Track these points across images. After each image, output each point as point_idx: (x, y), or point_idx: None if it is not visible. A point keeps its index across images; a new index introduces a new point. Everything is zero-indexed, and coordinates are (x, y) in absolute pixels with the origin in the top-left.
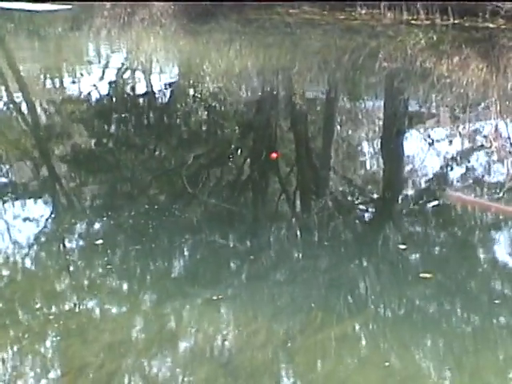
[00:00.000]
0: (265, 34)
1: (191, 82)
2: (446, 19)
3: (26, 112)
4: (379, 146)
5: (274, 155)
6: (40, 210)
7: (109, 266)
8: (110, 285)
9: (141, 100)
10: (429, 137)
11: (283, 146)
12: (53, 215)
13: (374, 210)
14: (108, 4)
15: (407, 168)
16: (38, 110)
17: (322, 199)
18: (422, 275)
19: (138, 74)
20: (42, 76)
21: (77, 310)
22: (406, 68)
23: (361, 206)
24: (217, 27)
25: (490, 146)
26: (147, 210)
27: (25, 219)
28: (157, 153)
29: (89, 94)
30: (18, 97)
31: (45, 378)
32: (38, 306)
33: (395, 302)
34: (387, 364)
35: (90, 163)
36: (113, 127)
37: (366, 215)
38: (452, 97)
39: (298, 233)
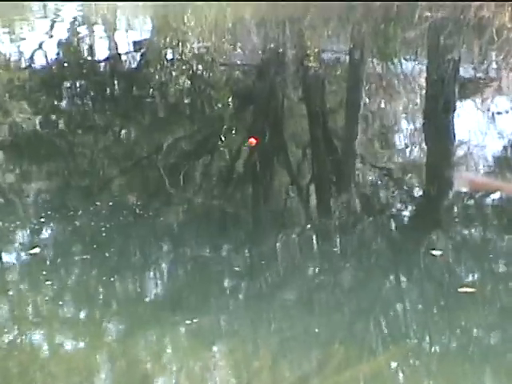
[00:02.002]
0: None
1: (168, 39)
2: None
3: None
4: (421, 124)
5: (251, 141)
6: None
7: (60, 286)
8: (61, 312)
9: (101, 64)
10: (487, 111)
11: (293, 124)
12: None
13: (410, 208)
14: None
15: (457, 153)
16: None
17: (343, 195)
18: (461, 290)
19: (98, 29)
20: None
21: (18, 346)
22: (456, 18)
23: (394, 204)
24: None
25: None
26: (111, 211)
27: None
28: (123, 135)
29: (31, 56)
30: None
31: None
32: None
33: (430, 325)
34: None
35: (33, 149)
36: (64, 101)
37: (399, 215)
38: None
39: (312, 240)
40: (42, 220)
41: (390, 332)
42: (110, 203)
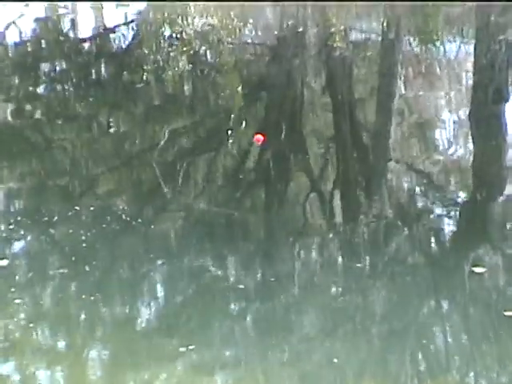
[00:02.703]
0: None
1: (166, 14)
2: None
3: None
4: (466, 117)
5: (258, 138)
6: None
7: (32, 306)
8: (33, 339)
9: (86, 43)
10: None
11: (314, 116)
12: None
13: (452, 217)
14: None
15: (510, 152)
16: None
17: (373, 202)
18: (508, 313)
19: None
20: None
21: None
22: None
23: (432, 212)
24: None
25: None
26: (93, 217)
27: None
28: (112, 128)
29: (1, 33)
30: None
31: None
32: None
33: (472, 354)
34: None
35: (2, 143)
36: (40, 86)
37: (439, 226)
38: None
39: (335, 255)
40: (11, 226)
41: (426, 364)
42: (92, 207)
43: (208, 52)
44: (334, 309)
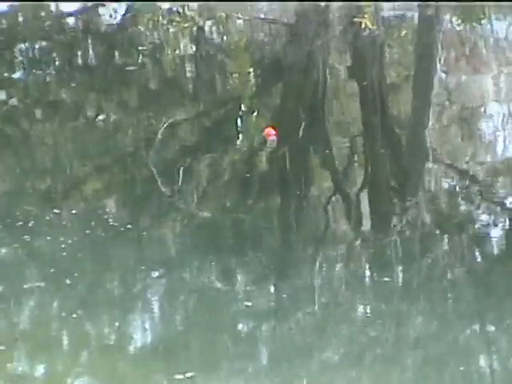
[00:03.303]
0: None
1: None
2: None
3: None
4: None
5: (269, 132)
6: None
7: (4, 326)
8: (6, 365)
9: (71, 19)
10: None
11: (338, 105)
12: None
13: (499, 226)
14: None
15: None
16: None
17: (407, 207)
18: None
19: None
20: None
21: None
22: None
23: (476, 220)
24: None
25: None
26: (76, 222)
27: None
28: (102, 118)
29: None
30: None
31: None
32: None
33: None
34: None
35: None
36: (17, 70)
37: (483, 236)
38: None
39: (362, 270)
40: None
41: None
42: (75, 211)
43: (214, 30)
44: (359, 335)
